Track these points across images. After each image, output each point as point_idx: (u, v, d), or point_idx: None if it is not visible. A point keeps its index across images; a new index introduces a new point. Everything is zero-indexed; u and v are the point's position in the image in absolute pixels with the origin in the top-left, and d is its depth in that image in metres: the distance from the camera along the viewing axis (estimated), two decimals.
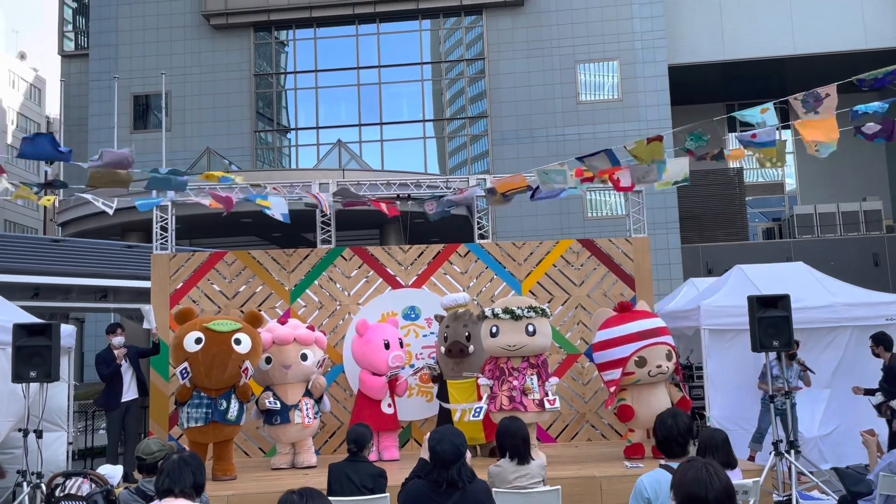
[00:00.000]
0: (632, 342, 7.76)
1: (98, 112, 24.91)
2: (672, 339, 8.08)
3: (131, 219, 19.21)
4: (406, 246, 9.98)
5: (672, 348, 7.92)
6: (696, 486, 2.86)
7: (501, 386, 7.66)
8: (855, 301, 9.34)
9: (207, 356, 7.27)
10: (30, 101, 52.42)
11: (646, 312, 8.22)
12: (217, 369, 7.30)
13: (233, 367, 7.36)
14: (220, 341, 7.32)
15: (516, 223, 22.41)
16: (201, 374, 7.31)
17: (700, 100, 26.38)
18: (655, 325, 7.96)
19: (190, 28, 25.29)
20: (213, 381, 7.35)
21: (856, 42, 24.14)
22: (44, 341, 7.18)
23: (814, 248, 21.99)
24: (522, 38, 24.36)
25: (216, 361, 7.28)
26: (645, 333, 7.79)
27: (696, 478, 2.87)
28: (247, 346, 7.44)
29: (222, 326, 7.42)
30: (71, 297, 12.88)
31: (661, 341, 7.82)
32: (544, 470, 5.35)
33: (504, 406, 7.53)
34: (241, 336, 7.43)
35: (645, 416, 7.66)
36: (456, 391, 8.32)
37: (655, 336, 7.81)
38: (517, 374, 7.63)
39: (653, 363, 7.70)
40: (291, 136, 26.49)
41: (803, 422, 9.00)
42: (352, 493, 5.31)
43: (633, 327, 7.84)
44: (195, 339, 7.30)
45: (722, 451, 4.82)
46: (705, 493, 2.83)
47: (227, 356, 7.32)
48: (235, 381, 7.47)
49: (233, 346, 7.35)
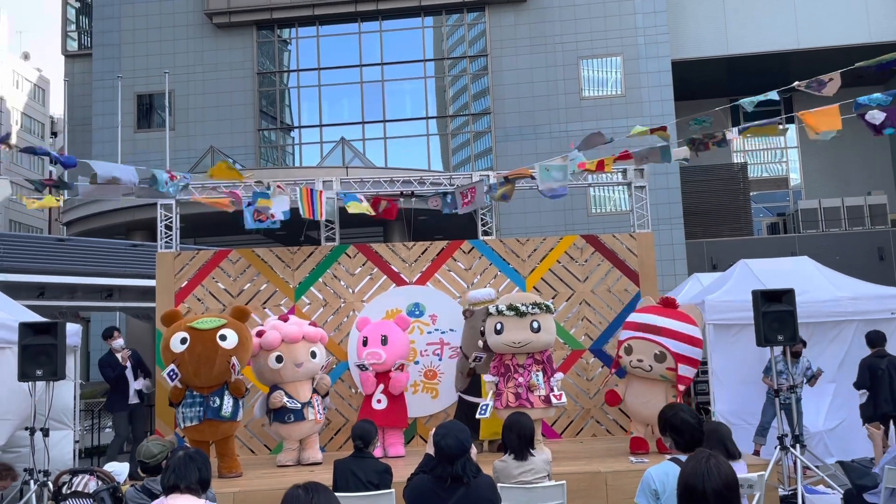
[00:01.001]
0: (630, 329, 7.93)
1: (102, 111, 24.97)
2: (684, 346, 7.67)
3: (136, 218, 19.30)
4: (410, 243, 9.98)
5: (669, 352, 7.61)
6: (693, 477, 2.86)
7: (507, 383, 7.65)
8: (860, 295, 9.32)
9: (193, 355, 7.21)
10: (34, 101, 52.54)
11: (680, 314, 7.94)
12: (204, 367, 7.25)
13: (220, 363, 7.29)
14: (205, 339, 7.26)
15: (520, 219, 22.41)
16: (190, 373, 7.27)
17: (703, 95, 26.30)
18: (662, 325, 7.71)
19: (193, 27, 25.32)
20: (203, 379, 7.30)
21: (860, 36, 24.06)
22: (50, 340, 7.21)
23: (818, 243, 21.94)
24: (525, 34, 24.34)
25: (202, 359, 7.22)
26: (644, 327, 7.76)
27: (694, 470, 2.88)
28: (233, 342, 7.36)
29: (206, 324, 7.36)
30: (76, 296, 12.92)
31: (655, 339, 7.65)
32: (549, 465, 5.36)
33: (510, 403, 7.52)
34: (227, 332, 7.37)
35: (641, 411, 7.74)
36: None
37: (652, 333, 7.69)
38: (522, 371, 7.62)
39: (635, 355, 7.72)
40: (295, 135, 26.51)
41: (809, 416, 8.99)
42: (357, 489, 5.33)
43: (643, 318, 7.89)
44: (180, 340, 7.25)
45: (723, 445, 4.82)
46: (702, 486, 2.83)
47: (214, 353, 7.25)
48: (226, 377, 7.39)
49: (218, 342, 7.27)
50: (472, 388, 8.47)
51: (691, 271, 19.15)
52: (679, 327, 7.73)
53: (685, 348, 7.69)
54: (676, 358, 7.62)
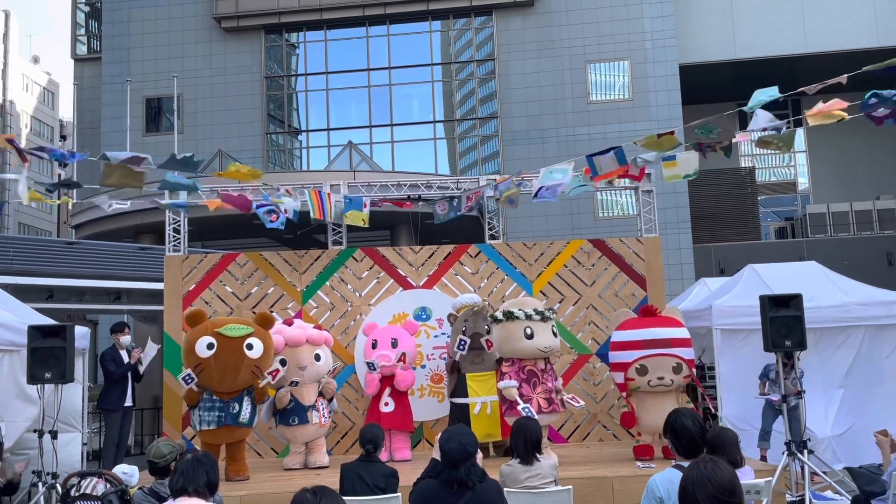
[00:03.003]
0: (637, 349, 7.63)
1: (111, 115, 25.09)
2: (690, 351, 7.73)
3: (144, 221, 19.36)
4: (417, 247, 10.00)
5: (684, 361, 7.61)
6: (688, 483, 2.86)
7: (535, 388, 7.67)
8: (868, 300, 9.28)
9: (220, 362, 7.23)
10: (43, 104, 52.81)
11: (669, 320, 7.92)
12: (230, 375, 7.28)
13: (245, 372, 7.33)
14: (233, 347, 7.26)
15: (527, 223, 22.40)
16: (213, 379, 7.28)
17: (711, 99, 26.25)
18: (670, 336, 7.65)
19: (201, 31, 25.42)
20: (226, 386, 7.34)
21: (868, 41, 23.99)
22: (58, 343, 7.25)
23: (827, 248, 21.87)
24: (532, 38, 24.35)
25: (229, 367, 7.25)
26: (652, 343, 7.58)
27: (690, 476, 2.88)
28: (259, 351, 7.39)
29: (234, 331, 7.33)
30: (84, 298, 12.97)
31: (670, 353, 7.55)
32: (556, 470, 5.36)
33: (544, 409, 7.58)
34: (253, 341, 7.37)
35: (651, 423, 7.60)
36: (475, 384, 8.38)
37: (664, 347, 7.57)
38: (546, 377, 7.77)
39: (654, 374, 7.52)
40: (302, 138, 26.59)
41: (817, 421, 8.95)
42: (364, 493, 5.34)
43: (644, 334, 7.67)
44: (207, 345, 7.24)
45: (728, 451, 4.80)
46: (695, 492, 2.83)
47: (240, 361, 7.28)
48: (248, 384, 7.47)
49: (245, 351, 7.29)
50: (459, 390, 8.53)
51: (699, 276, 19.12)
52: (681, 334, 7.78)
53: (691, 353, 7.79)
54: (690, 364, 7.69)
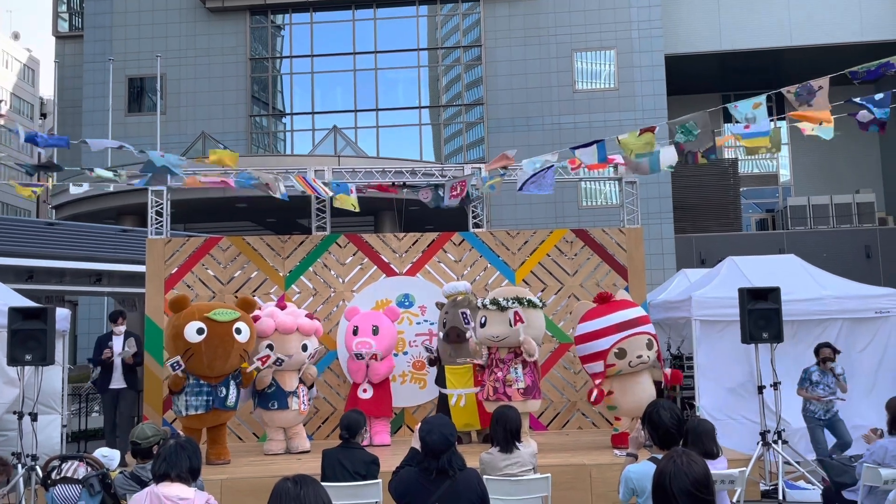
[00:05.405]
0: (611, 334, 7.71)
1: (92, 94, 24.81)
2: (652, 327, 8.07)
3: (126, 202, 19.23)
4: (401, 234, 10.01)
5: (652, 336, 7.89)
6: (662, 477, 2.90)
7: (489, 376, 7.79)
8: (845, 294, 9.41)
9: (210, 347, 7.29)
10: (23, 81, 52.09)
11: (626, 302, 8.14)
12: (220, 360, 7.35)
13: (234, 356, 7.42)
14: (223, 332, 7.34)
15: (511, 211, 22.45)
16: (203, 364, 7.34)
17: (696, 90, 26.41)
18: (635, 315, 7.88)
19: (185, 11, 25.15)
20: (215, 370, 7.41)
21: (853, 34, 24.18)
22: (39, 325, 7.22)
23: (806, 240, 22.12)
24: (519, 25, 24.30)
25: (219, 352, 7.32)
26: (624, 325, 7.74)
27: (663, 470, 2.91)
28: (246, 336, 7.50)
29: (223, 316, 7.41)
30: (65, 280, 12.87)
31: (641, 331, 7.78)
32: (535, 458, 5.41)
33: (490, 396, 7.74)
34: (241, 325, 7.47)
35: (629, 405, 7.73)
36: (453, 376, 8.48)
37: (635, 326, 7.77)
38: (502, 366, 7.75)
39: (633, 354, 7.69)
40: (287, 121, 26.43)
41: (790, 412, 9.08)
42: (344, 479, 5.38)
43: (613, 319, 7.79)
44: (196, 329, 7.29)
45: (705, 442, 4.89)
46: (670, 485, 2.86)
47: (230, 346, 7.36)
48: (236, 368, 7.55)
49: (234, 335, 7.38)
50: (440, 380, 8.71)
51: (680, 266, 19.27)
52: (641, 312, 8.11)
53: (653, 327, 8.10)
54: (656, 340, 8.01)
